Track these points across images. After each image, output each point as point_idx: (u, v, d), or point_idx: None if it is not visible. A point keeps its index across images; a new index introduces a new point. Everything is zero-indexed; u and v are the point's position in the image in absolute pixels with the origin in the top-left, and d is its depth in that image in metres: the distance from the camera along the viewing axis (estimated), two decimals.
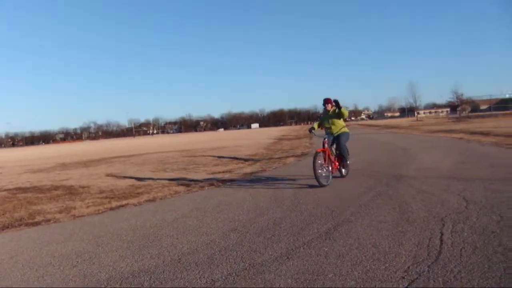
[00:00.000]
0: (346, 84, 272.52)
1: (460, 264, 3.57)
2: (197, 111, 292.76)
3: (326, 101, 9.31)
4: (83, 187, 10.79)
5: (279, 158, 16.14)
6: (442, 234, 4.47)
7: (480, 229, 4.54)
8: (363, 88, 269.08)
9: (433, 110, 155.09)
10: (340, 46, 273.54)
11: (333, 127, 9.28)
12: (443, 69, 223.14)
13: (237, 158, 17.20)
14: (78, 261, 4.45)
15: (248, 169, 12.78)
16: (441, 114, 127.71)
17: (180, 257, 4.30)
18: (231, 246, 4.58)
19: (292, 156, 16.81)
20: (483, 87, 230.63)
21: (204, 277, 3.70)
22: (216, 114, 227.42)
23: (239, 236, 5.00)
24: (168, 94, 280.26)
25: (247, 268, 3.86)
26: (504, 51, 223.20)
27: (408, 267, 3.58)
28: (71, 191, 10.12)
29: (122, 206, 7.81)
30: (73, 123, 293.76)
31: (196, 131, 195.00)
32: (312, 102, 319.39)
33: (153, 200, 8.24)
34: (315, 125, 9.57)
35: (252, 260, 4.05)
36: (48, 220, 6.89)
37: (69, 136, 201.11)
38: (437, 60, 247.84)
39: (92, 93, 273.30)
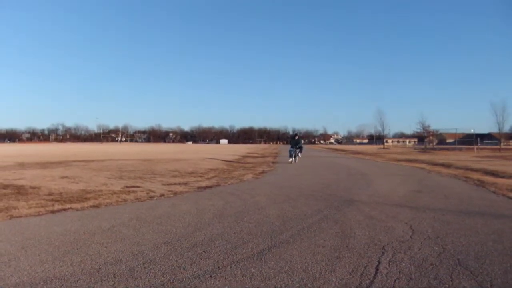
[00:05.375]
0: (318, 107, 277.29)
1: None
2: (167, 122, 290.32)
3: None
4: (33, 188, 10.43)
5: (238, 174, 16.01)
6: (379, 262, 4.36)
7: (419, 260, 4.46)
8: (335, 112, 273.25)
9: (401, 140, 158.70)
10: (314, 68, 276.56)
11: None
12: (415, 100, 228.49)
13: (196, 172, 17.00)
14: None
15: (204, 183, 12.61)
16: (408, 143, 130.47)
17: (101, 266, 4.12)
18: (158, 259, 4.43)
19: (252, 173, 16.74)
20: (453, 121, 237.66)
21: None
22: (186, 126, 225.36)
23: (169, 249, 4.85)
24: (139, 103, 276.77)
25: (165, 283, 3.71)
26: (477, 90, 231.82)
27: None
28: (20, 191, 9.76)
29: (64, 209, 7.54)
30: (41, 124, 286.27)
31: (165, 142, 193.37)
32: (282, 123, 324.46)
33: (97, 206, 7.99)
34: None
35: (174, 276, 3.91)
36: None
37: (36, 136, 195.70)
38: (410, 90, 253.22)
39: (63, 94, 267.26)
